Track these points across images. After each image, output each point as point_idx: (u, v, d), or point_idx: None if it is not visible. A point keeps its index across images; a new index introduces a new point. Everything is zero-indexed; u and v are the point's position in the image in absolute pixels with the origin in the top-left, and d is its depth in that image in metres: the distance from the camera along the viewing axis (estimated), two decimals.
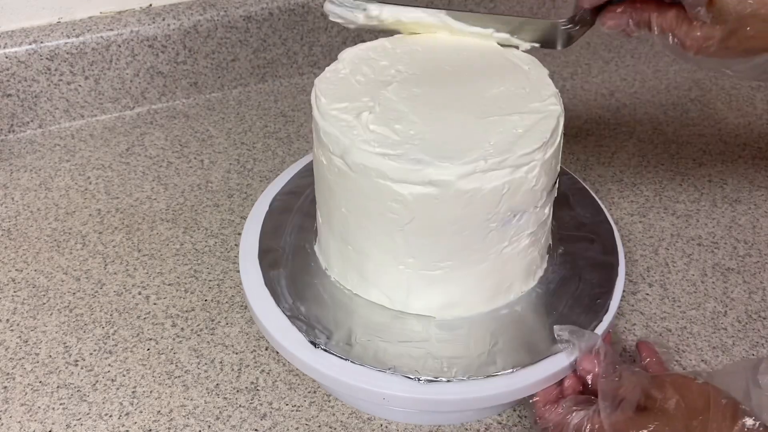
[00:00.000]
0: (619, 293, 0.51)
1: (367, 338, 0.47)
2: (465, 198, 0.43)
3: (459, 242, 0.45)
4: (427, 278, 0.47)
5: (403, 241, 0.45)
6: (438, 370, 0.45)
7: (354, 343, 0.46)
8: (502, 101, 0.47)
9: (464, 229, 0.44)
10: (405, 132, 0.44)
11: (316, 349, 0.46)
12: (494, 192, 0.43)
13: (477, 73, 0.49)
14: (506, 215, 0.45)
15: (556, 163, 0.48)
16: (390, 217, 0.44)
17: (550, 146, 0.45)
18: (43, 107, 0.74)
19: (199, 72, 0.78)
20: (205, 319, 0.55)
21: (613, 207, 0.66)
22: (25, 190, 0.67)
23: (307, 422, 0.49)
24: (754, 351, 0.54)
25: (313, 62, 0.83)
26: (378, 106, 0.46)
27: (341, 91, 0.48)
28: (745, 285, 0.59)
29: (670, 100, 0.80)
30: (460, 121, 0.45)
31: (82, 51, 0.72)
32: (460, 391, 0.44)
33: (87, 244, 0.62)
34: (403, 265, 0.46)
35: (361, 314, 0.49)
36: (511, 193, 0.44)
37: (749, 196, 0.67)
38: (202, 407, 0.49)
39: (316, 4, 0.79)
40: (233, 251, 0.61)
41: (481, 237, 0.45)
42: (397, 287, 0.48)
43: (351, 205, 0.47)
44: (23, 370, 0.52)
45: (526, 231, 0.47)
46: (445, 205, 0.43)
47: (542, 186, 0.46)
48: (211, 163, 0.71)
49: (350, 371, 0.45)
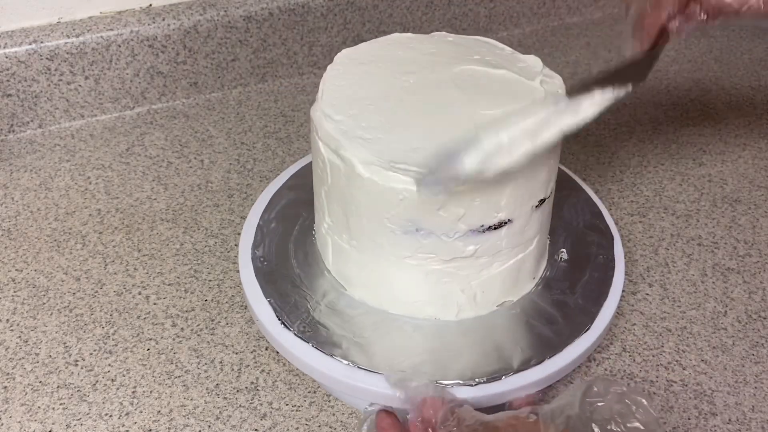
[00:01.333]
0: (619, 293, 0.51)
1: (365, 338, 0.47)
2: (363, 184, 0.44)
3: (360, 226, 0.46)
4: (340, 247, 0.48)
5: (326, 202, 0.48)
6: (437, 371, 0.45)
7: (351, 343, 0.46)
8: (484, 123, 0.45)
9: (363, 216, 0.45)
10: (361, 113, 0.46)
11: (315, 349, 0.46)
12: (390, 192, 0.43)
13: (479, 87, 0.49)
14: (407, 224, 0.44)
15: (488, 207, 0.44)
16: (318, 173, 0.47)
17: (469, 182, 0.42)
18: (43, 107, 0.74)
19: (199, 72, 0.78)
20: (205, 319, 0.55)
21: (613, 207, 0.66)
22: (25, 190, 0.67)
23: (307, 422, 0.49)
24: (754, 351, 0.54)
25: (313, 62, 0.83)
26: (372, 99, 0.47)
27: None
28: (745, 285, 0.59)
29: (670, 100, 0.80)
30: (423, 126, 0.45)
31: (82, 51, 0.72)
32: (460, 391, 0.44)
33: (87, 244, 0.62)
34: (326, 225, 0.49)
35: (324, 291, 0.50)
36: (409, 203, 0.43)
37: (749, 196, 0.68)
38: (202, 407, 0.49)
39: (315, 4, 0.79)
40: (233, 251, 0.61)
41: (380, 233, 0.45)
42: (323, 243, 0.50)
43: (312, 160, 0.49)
44: (23, 370, 0.52)
45: (436, 255, 0.45)
46: (349, 184, 0.45)
47: (452, 216, 0.43)
48: (211, 163, 0.71)
49: (299, 344, 0.46)
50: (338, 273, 0.51)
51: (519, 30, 0.94)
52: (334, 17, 0.81)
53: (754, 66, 0.86)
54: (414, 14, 0.86)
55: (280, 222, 0.55)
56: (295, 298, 0.49)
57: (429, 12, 0.87)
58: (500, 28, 0.93)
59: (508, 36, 0.93)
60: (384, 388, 0.44)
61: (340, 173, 0.45)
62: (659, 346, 0.54)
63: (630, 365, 0.53)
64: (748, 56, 0.88)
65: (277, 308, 0.49)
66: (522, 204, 0.45)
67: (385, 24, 0.85)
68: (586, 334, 0.48)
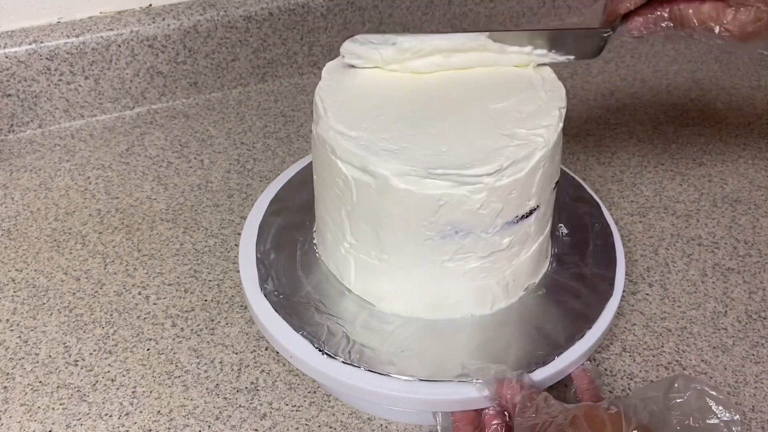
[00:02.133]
0: (619, 293, 0.51)
1: (412, 349, 0.47)
2: (398, 197, 0.43)
3: (394, 240, 0.45)
4: (366, 265, 0.47)
5: (348, 222, 0.46)
6: (437, 370, 0.45)
7: (351, 343, 0.46)
8: (499, 116, 0.46)
9: (398, 228, 0.44)
10: (376, 125, 0.45)
11: (370, 372, 0.46)
12: (429, 199, 0.43)
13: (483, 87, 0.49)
14: (445, 228, 0.44)
15: (522, 197, 0.45)
16: (337, 193, 0.46)
17: (506, 176, 0.43)
18: (43, 107, 0.74)
19: (199, 72, 0.78)
20: (205, 319, 0.55)
21: (613, 207, 0.66)
22: (25, 190, 0.67)
23: (307, 422, 0.49)
24: (754, 351, 0.54)
25: (313, 62, 0.83)
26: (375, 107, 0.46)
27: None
28: (745, 285, 0.59)
29: (670, 100, 0.80)
30: (442, 128, 0.45)
31: (82, 51, 0.72)
32: (459, 391, 0.44)
33: (87, 244, 0.62)
34: (348, 244, 0.47)
35: (354, 312, 0.49)
36: (449, 207, 0.43)
37: (749, 196, 0.67)
38: (202, 407, 0.49)
39: (315, 4, 0.79)
40: (233, 251, 0.61)
41: (417, 242, 0.45)
42: (344, 263, 0.49)
43: (319, 182, 0.48)
44: (23, 370, 0.52)
45: (474, 253, 0.45)
46: (381, 199, 0.44)
47: (491, 212, 0.44)
48: (211, 163, 0.71)
49: (350, 371, 0.45)
50: (364, 291, 0.49)
51: (524, 28, 0.94)
52: (334, 17, 0.81)
53: (754, 66, 0.86)
54: (414, 14, 0.86)
55: (280, 251, 0.53)
56: (327, 325, 0.48)
57: (429, 12, 0.87)
58: (500, 28, 0.93)
59: None
60: (384, 388, 0.44)
61: (369, 190, 0.44)
62: (659, 346, 0.54)
63: (630, 365, 0.53)
64: (748, 56, 0.88)
65: (315, 340, 0.47)
66: (545, 189, 0.46)
67: (385, 24, 0.85)
68: (588, 333, 0.48)
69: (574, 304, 0.50)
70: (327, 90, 0.47)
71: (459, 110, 0.46)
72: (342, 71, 0.49)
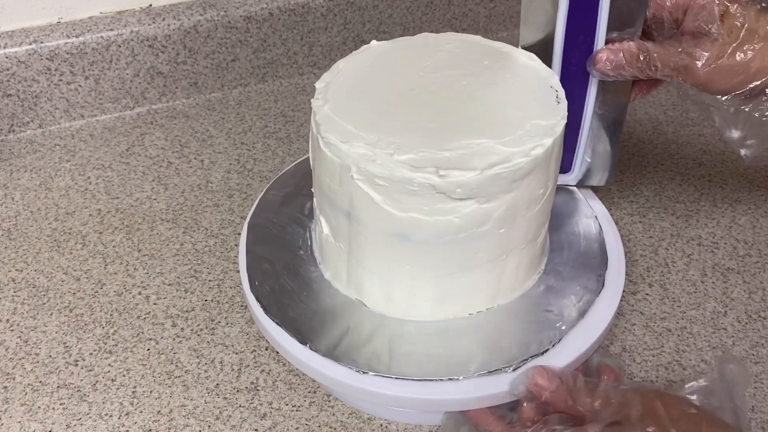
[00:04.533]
0: (619, 293, 0.51)
1: (365, 338, 0.47)
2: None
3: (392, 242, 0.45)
4: (363, 266, 0.47)
5: (344, 223, 0.46)
6: (436, 369, 0.45)
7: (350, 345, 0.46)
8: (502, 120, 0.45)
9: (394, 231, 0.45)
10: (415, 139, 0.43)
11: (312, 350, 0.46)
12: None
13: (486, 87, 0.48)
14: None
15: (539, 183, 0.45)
16: (332, 192, 0.46)
17: None
18: (43, 107, 0.74)
19: (199, 72, 0.78)
20: (205, 319, 0.55)
21: (613, 207, 0.66)
22: (25, 190, 0.67)
23: (307, 422, 0.49)
24: (754, 351, 0.54)
25: (313, 62, 0.83)
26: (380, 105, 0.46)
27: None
28: (745, 285, 0.59)
29: (670, 100, 0.80)
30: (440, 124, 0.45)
31: (82, 51, 0.72)
32: (460, 391, 0.44)
33: (87, 244, 0.62)
34: (342, 244, 0.47)
35: (353, 316, 0.49)
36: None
37: (749, 196, 0.67)
38: (202, 407, 0.49)
39: (315, 4, 0.79)
40: (233, 251, 0.61)
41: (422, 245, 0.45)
42: (341, 264, 0.49)
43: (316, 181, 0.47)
44: (23, 370, 0.52)
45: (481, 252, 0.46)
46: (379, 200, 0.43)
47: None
48: (211, 163, 0.71)
49: (350, 371, 0.45)
50: (360, 292, 0.49)
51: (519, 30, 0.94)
52: (334, 17, 0.81)
53: None
54: (414, 14, 0.86)
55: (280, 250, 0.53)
56: (327, 324, 0.48)
57: (429, 12, 0.87)
58: (500, 28, 0.93)
59: (508, 36, 0.93)
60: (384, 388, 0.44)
61: (367, 193, 0.43)
62: (659, 346, 0.54)
63: (630, 365, 0.53)
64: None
65: (331, 356, 0.46)
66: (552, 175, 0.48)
67: (385, 24, 0.85)
68: (587, 333, 0.48)
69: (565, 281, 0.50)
70: (333, 112, 0.46)
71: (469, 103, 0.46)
72: (339, 88, 0.48)
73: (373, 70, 0.50)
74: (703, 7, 0.47)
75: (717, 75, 0.47)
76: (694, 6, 0.47)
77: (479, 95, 0.47)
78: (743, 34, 0.46)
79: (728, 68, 0.47)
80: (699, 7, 0.47)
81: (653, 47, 0.48)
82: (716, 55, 0.47)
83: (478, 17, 0.90)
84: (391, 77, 0.49)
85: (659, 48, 0.48)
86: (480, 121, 0.45)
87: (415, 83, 0.48)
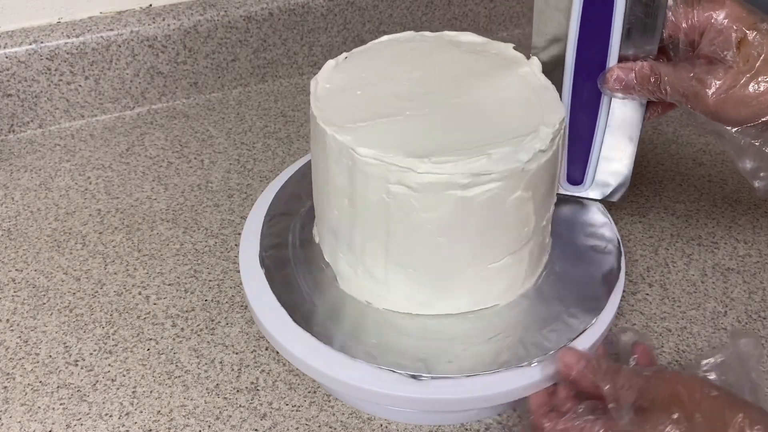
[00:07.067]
0: (619, 293, 0.51)
1: (365, 337, 0.47)
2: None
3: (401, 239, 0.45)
4: (367, 264, 0.47)
5: (348, 221, 0.47)
6: (437, 368, 0.45)
7: (352, 343, 0.46)
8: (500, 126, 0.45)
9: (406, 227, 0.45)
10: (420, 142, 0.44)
11: (316, 349, 0.46)
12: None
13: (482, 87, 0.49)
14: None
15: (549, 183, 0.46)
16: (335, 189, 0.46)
17: None
18: (43, 107, 0.74)
19: (199, 72, 0.78)
20: (205, 319, 0.55)
21: (614, 207, 0.66)
22: (25, 190, 0.67)
23: (307, 422, 0.49)
24: None
25: (313, 62, 0.83)
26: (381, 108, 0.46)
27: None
28: (745, 285, 0.59)
29: None
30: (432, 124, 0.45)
31: (82, 51, 0.72)
32: (460, 391, 0.44)
33: (87, 244, 0.62)
34: (348, 244, 0.48)
35: (357, 313, 0.49)
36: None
37: (749, 196, 0.68)
38: (202, 407, 0.49)
39: (315, 4, 0.79)
40: (233, 251, 0.61)
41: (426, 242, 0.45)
42: (343, 262, 0.49)
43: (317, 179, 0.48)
44: (23, 370, 0.52)
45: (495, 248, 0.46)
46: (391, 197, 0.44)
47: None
48: (211, 163, 0.71)
49: (350, 371, 0.45)
50: (362, 290, 0.49)
51: (519, 30, 0.94)
52: (334, 17, 0.81)
53: None
54: (414, 14, 0.86)
55: (280, 250, 0.53)
56: (327, 325, 0.48)
57: (429, 12, 0.87)
58: (500, 28, 0.93)
59: (508, 36, 0.93)
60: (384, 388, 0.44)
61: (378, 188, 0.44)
62: (659, 346, 0.54)
63: None
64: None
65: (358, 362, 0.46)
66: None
67: (385, 24, 0.85)
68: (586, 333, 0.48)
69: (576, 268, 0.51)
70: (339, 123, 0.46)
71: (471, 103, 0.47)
72: (334, 92, 0.49)
73: (373, 70, 0.50)
74: (720, 32, 0.45)
75: (727, 105, 0.45)
76: (711, 30, 0.45)
77: (474, 96, 0.47)
78: (759, 64, 0.44)
79: (740, 99, 0.45)
80: (716, 31, 0.45)
81: (666, 70, 0.46)
82: (729, 85, 0.45)
83: (478, 17, 0.90)
84: (389, 78, 0.49)
85: (672, 71, 0.46)
86: (476, 120, 0.46)
87: (412, 86, 0.48)
